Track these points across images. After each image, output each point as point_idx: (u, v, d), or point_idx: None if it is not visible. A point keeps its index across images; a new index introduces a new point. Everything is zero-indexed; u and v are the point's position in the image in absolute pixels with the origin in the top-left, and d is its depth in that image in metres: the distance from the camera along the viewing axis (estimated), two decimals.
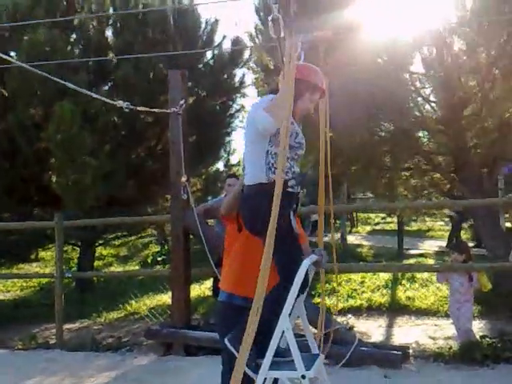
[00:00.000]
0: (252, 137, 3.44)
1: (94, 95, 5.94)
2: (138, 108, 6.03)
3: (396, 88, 8.66)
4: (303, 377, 3.07)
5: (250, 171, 3.44)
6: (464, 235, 20.04)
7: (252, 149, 3.47)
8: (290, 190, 3.38)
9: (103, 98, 6.21)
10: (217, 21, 12.09)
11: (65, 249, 12.27)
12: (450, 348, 6.04)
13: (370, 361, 5.66)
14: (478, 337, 6.34)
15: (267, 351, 3.14)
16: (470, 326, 6.38)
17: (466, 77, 8.84)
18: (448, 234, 20.18)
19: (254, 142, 3.41)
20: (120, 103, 5.62)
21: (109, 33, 11.27)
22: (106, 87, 11.14)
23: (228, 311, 3.67)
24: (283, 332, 3.12)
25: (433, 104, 9.83)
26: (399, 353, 5.79)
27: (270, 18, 3.19)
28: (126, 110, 5.80)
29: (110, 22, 11.19)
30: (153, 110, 6.65)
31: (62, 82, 5.27)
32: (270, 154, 3.33)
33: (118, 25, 11.06)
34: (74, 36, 11.07)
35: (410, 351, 6.09)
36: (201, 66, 12.07)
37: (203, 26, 11.99)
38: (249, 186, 3.42)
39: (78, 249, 13.43)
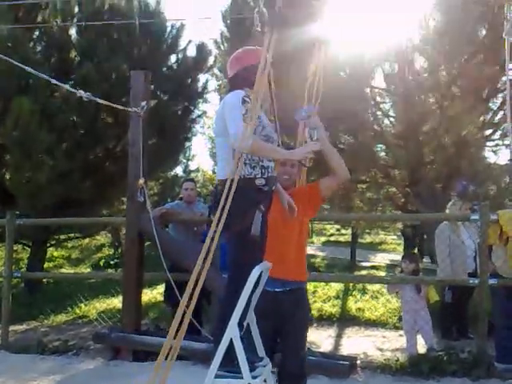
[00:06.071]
0: (221, 131, 3.42)
1: (59, 83, 5.88)
2: (99, 100, 5.94)
3: (357, 101, 8.79)
4: None
5: (220, 165, 3.41)
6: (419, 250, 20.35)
7: (221, 142, 3.45)
8: (258, 187, 3.31)
9: (66, 86, 6.15)
10: (183, 25, 12.03)
11: (15, 248, 11.99)
12: (397, 360, 6.08)
13: (318, 370, 5.63)
14: (424, 350, 6.46)
15: (214, 358, 3.14)
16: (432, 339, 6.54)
17: (425, 94, 9.02)
18: (403, 247, 20.53)
19: (223, 136, 3.38)
20: (81, 93, 5.57)
21: (72, 31, 11.10)
22: (67, 86, 10.93)
23: None
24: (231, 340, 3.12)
25: (392, 119, 10.01)
26: (347, 363, 5.78)
27: (255, 11, 3.26)
28: (86, 100, 5.72)
29: (75, 20, 11.02)
30: (113, 105, 6.57)
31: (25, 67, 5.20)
32: None
33: (83, 24, 10.88)
34: (36, 33, 10.88)
35: (358, 362, 6.12)
36: (164, 69, 11.98)
37: (169, 29, 11.92)
38: (220, 181, 3.33)
39: (28, 249, 13.15)
